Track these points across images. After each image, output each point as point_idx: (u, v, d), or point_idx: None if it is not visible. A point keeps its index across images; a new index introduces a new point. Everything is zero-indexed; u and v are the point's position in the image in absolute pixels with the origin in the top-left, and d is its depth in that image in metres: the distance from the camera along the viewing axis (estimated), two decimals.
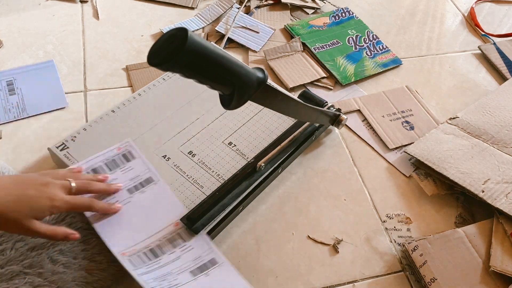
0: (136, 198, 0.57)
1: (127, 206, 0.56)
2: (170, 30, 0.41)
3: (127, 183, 0.58)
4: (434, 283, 0.55)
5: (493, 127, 0.73)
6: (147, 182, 0.59)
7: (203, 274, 0.53)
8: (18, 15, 0.88)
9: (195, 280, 0.53)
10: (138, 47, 0.85)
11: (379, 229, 0.63)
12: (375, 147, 0.73)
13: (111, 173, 0.59)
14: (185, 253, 0.54)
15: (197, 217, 0.56)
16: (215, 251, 0.55)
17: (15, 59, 0.80)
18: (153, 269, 0.52)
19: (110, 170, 0.59)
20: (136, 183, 0.58)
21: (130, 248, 0.53)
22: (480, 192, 0.63)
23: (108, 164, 0.60)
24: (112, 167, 0.60)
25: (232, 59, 0.44)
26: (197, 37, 0.40)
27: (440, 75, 0.87)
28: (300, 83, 0.80)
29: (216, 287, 0.53)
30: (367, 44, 0.89)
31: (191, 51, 0.39)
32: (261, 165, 0.62)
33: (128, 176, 0.59)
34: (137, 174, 0.59)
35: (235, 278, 0.54)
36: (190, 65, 0.41)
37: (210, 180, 0.62)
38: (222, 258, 0.54)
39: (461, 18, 1.01)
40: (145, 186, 0.58)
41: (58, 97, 0.74)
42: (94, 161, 0.59)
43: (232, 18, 0.91)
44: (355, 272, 0.59)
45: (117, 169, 0.59)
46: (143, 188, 0.58)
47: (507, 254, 0.56)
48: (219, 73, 0.43)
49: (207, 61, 0.42)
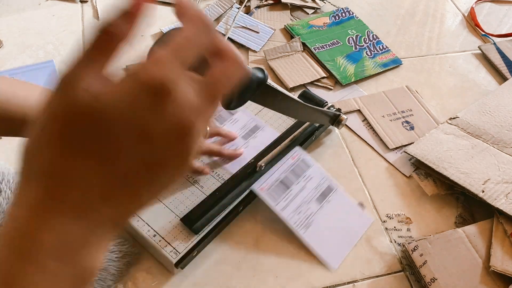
0: (250, 142, 0.67)
1: (246, 150, 0.66)
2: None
3: (240, 132, 0.67)
4: (434, 283, 0.55)
5: (493, 127, 0.73)
6: (256, 129, 0.68)
7: (325, 201, 0.62)
8: (18, 15, 0.88)
9: (321, 207, 0.62)
10: (138, 47, 0.85)
11: (379, 229, 0.63)
12: (375, 147, 0.73)
13: (222, 126, 0.68)
14: (307, 182, 0.63)
15: (196, 217, 0.56)
16: (329, 178, 0.64)
17: (15, 59, 0.80)
18: (288, 201, 0.60)
19: (221, 124, 0.68)
20: (247, 130, 0.68)
21: (264, 182, 0.61)
22: (480, 192, 0.63)
23: (217, 119, 0.69)
24: (220, 121, 0.68)
25: None
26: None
27: (440, 75, 0.87)
28: (300, 83, 0.80)
29: (338, 211, 0.62)
30: (367, 44, 0.89)
31: None
32: (261, 165, 0.61)
33: (238, 127, 0.68)
34: (244, 124, 0.68)
35: (348, 201, 0.64)
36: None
37: (210, 180, 0.62)
38: (336, 184, 0.64)
39: (461, 18, 1.01)
40: (255, 132, 0.68)
41: None
42: None
43: (232, 18, 0.91)
44: (355, 272, 0.59)
45: (225, 122, 0.68)
46: (254, 134, 0.67)
47: (507, 254, 0.56)
48: None
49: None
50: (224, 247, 0.59)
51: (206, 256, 0.58)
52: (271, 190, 0.61)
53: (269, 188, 0.61)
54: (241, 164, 0.62)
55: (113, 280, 0.54)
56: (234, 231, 0.61)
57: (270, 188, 0.61)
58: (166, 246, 0.54)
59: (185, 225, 0.56)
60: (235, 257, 0.59)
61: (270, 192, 0.61)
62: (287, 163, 0.64)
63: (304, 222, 0.60)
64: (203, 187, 0.61)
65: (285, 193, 0.61)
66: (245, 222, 0.62)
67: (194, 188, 0.60)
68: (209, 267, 0.57)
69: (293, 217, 0.60)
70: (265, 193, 0.61)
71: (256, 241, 0.60)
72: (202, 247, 0.57)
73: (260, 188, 0.61)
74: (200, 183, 0.61)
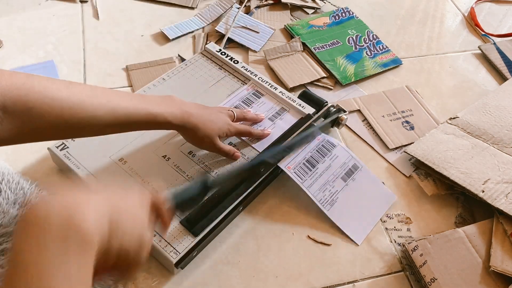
0: (277, 124, 0.69)
1: (273, 131, 0.67)
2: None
3: (266, 114, 0.69)
4: (434, 283, 0.55)
5: (493, 127, 0.73)
6: (282, 111, 0.70)
7: (351, 179, 0.65)
8: (18, 15, 0.88)
9: (347, 185, 0.64)
10: (138, 47, 0.85)
11: (379, 229, 0.63)
12: (375, 147, 0.73)
13: (249, 108, 0.70)
14: (333, 161, 0.65)
15: (196, 219, 0.56)
16: (355, 157, 0.67)
17: (15, 59, 0.80)
18: (314, 179, 0.63)
19: (248, 106, 0.70)
20: (273, 113, 0.70)
21: (291, 161, 0.63)
22: (480, 192, 0.63)
23: (245, 101, 0.71)
24: (248, 103, 0.71)
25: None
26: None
27: (440, 75, 0.87)
28: (300, 83, 0.80)
29: (363, 190, 0.65)
30: (367, 44, 0.89)
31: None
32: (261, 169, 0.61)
33: (265, 109, 0.70)
34: (271, 107, 0.71)
35: (374, 180, 0.66)
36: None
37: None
38: (361, 162, 0.66)
39: (461, 18, 1.01)
40: (281, 114, 0.70)
41: None
42: (232, 101, 0.71)
43: (232, 18, 0.91)
44: (355, 272, 0.59)
45: (253, 104, 0.71)
46: (280, 116, 0.70)
47: (507, 254, 0.56)
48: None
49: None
50: (224, 247, 0.59)
51: (206, 256, 0.58)
52: (298, 168, 0.63)
53: (295, 167, 0.63)
54: (268, 143, 0.65)
55: (113, 280, 0.54)
56: (234, 231, 0.61)
57: (297, 167, 0.63)
58: (166, 246, 0.54)
59: (185, 227, 0.56)
60: (235, 257, 0.59)
61: (296, 170, 0.63)
62: (312, 143, 0.66)
63: (329, 199, 0.62)
64: None
65: (312, 171, 0.64)
66: (245, 222, 0.62)
67: None
68: (209, 267, 0.57)
69: (318, 194, 0.62)
70: (291, 171, 0.62)
71: (256, 241, 0.60)
72: (202, 247, 0.57)
73: (287, 166, 0.62)
74: None
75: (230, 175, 0.57)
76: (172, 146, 0.64)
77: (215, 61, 0.77)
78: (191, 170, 0.62)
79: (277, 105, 0.71)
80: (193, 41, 0.87)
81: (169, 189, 0.48)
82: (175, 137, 0.65)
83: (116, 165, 0.61)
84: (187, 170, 0.62)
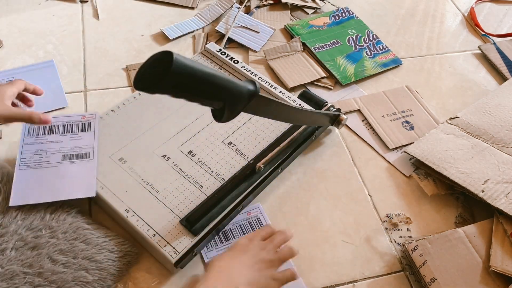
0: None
1: (52, 170, 0.60)
2: (154, 54, 0.40)
3: (67, 150, 0.62)
4: (434, 283, 0.55)
5: (493, 127, 0.73)
6: (83, 157, 0.62)
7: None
8: (18, 15, 0.88)
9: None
10: (138, 47, 0.85)
11: (379, 229, 0.63)
12: (375, 147, 0.73)
13: (61, 135, 0.63)
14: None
15: (196, 219, 0.56)
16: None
17: (15, 59, 0.80)
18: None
19: (63, 133, 0.63)
20: (73, 153, 0.62)
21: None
22: (480, 192, 0.63)
23: (65, 127, 0.64)
24: (67, 131, 0.64)
25: (220, 75, 0.43)
26: (182, 59, 0.39)
27: (440, 75, 0.87)
28: (300, 83, 0.80)
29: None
30: (367, 44, 0.89)
31: (177, 74, 0.39)
32: (261, 166, 0.61)
33: (72, 144, 0.63)
34: (80, 146, 0.63)
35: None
36: (177, 87, 0.41)
37: (209, 180, 0.62)
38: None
39: (461, 18, 1.01)
40: (78, 159, 0.61)
41: (58, 97, 0.74)
42: (60, 119, 0.65)
43: (232, 18, 0.91)
44: (355, 272, 0.59)
45: (67, 134, 0.64)
46: (75, 160, 0.61)
47: (507, 254, 0.56)
48: (207, 91, 0.43)
49: (195, 81, 0.41)
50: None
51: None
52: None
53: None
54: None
55: (113, 280, 0.54)
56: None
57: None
58: (166, 246, 0.54)
59: (184, 227, 0.56)
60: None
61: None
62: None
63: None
64: (203, 186, 0.61)
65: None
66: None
67: (194, 188, 0.60)
68: None
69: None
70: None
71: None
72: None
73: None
74: (199, 183, 0.61)
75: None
76: (172, 146, 0.64)
77: (215, 61, 0.77)
78: (191, 169, 0.62)
79: (87, 148, 0.64)
80: (193, 41, 0.87)
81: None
82: (175, 136, 0.65)
83: (116, 165, 0.62)
84: (187, 170, 0.62)
